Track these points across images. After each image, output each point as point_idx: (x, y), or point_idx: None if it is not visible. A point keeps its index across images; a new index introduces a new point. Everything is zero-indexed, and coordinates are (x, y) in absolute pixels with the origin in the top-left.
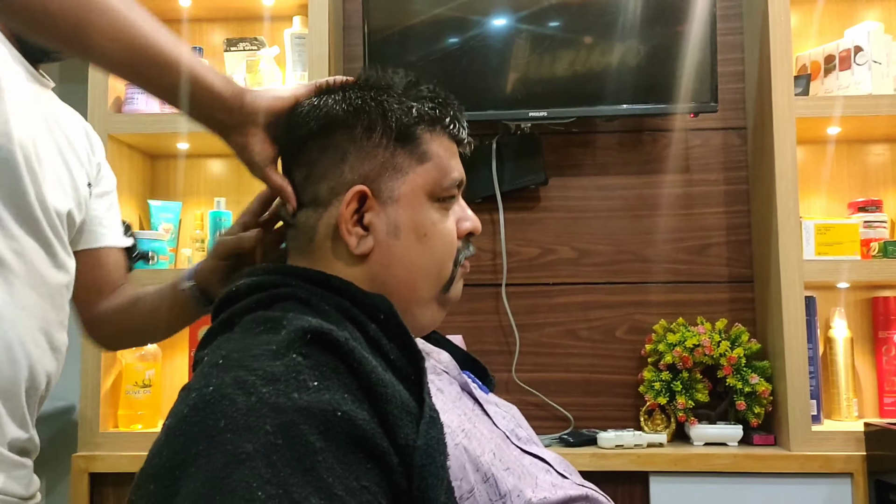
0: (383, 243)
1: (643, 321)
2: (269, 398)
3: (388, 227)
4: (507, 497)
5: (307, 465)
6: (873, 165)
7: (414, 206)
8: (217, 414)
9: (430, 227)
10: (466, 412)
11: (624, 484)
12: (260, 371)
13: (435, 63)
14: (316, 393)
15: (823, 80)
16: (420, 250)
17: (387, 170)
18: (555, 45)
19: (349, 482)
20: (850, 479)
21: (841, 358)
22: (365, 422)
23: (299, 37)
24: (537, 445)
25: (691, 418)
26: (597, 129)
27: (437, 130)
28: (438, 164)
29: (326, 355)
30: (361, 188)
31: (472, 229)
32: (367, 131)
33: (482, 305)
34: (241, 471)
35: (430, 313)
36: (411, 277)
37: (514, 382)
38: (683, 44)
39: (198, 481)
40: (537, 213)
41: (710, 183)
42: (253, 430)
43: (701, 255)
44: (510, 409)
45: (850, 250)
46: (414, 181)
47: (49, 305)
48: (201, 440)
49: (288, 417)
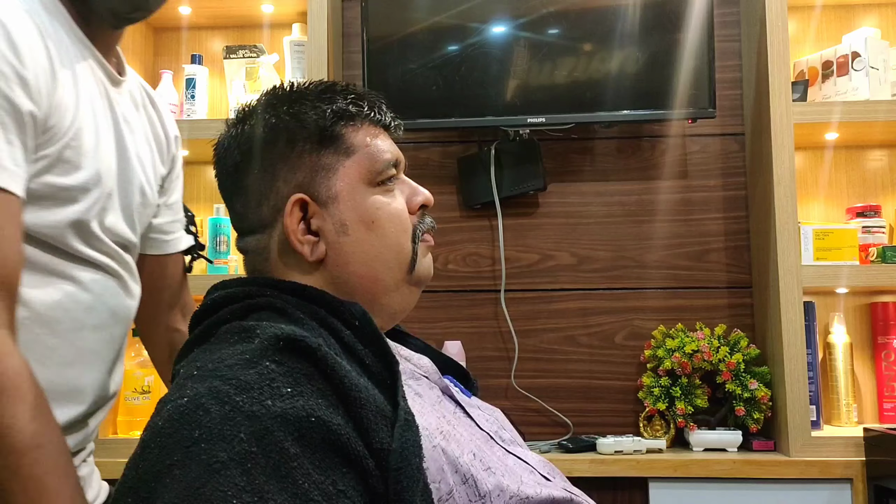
0: (335, 244)
1: (642, 327)
2: (243, 406)
3: (336, 226)
4: (486, 497)
5: (283, 472)
6: (871, 171)
7: (354, 198)
8: (192, 424)
9: (375, 213)
10: (446, 415)
11: (623, 490)
12: (234, 380)
13: (434, 70)
14: (290, 399)
15: (821, 85)
16: (372, 239)
17: (318, 172)
18: (553, 52)
19: (326, 487)
20: (850, 484)
21: (840, 363)
22: (339, 427)
23: (298, 44)
24: (521, 447)
25: (690, 424)
26: (595, 135)
27: (358, 123)
28: (366, 152)
29: (300, 362)
30: (299, 196)
31: (423, 201)
32: (289, 144)
33: (481, 311)
34: (216, 480)
35: (400, 297)
36: (370, 269)
37: (514, 388)
38: (681, 50)
39: (174, 492)
40: (536, 220)
41: (709, 189)
42: (227, 439)
43: (700, 261)
44: (493, 412)
45: (849, 255)
46: (346, 175)
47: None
48: (176, 451)
49: (262, 425)
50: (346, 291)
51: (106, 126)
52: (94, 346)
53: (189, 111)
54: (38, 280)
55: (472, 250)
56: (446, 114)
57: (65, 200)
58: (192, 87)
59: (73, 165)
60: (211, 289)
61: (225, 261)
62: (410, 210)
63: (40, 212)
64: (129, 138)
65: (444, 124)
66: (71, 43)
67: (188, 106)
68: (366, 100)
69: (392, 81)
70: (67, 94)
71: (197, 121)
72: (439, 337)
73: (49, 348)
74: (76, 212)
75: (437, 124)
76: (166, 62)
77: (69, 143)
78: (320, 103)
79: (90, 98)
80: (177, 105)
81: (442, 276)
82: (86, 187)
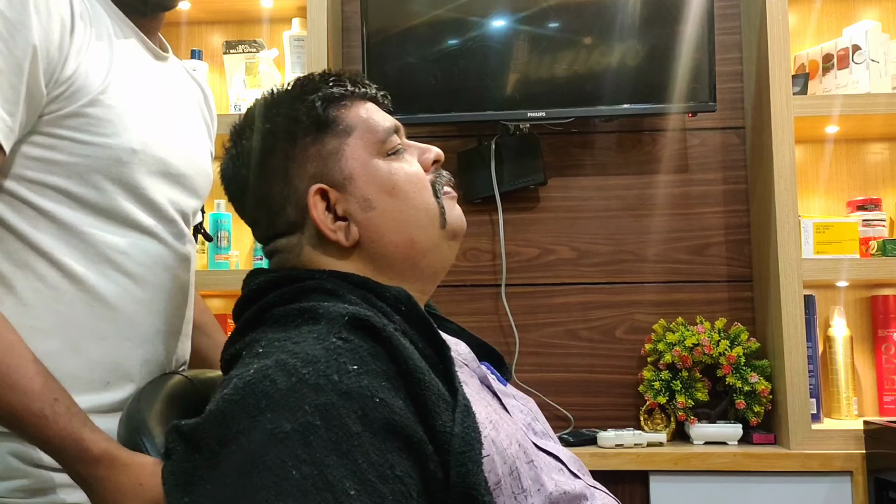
0: (364, 221)
1: (642, 321)
2: (309, 379)
3: (360, 203)
4: (528, 490)
5: (343, 448)
6: (872, 164)
7: (369, 172)
8: (258, 394)
9: (393, 179)
10: (491, 403)
11: (624, 483)
12: (301, 354)
13: (434, 64)
14: (356, 377)
15: (822, 79)
16: (398, 205)
17: (327, 159)
18: (553, 46)
19: (383, 469)
20: (850, 477)
21: (840, 356)
22: (402, 410)
23: (298, 39)
24: (553, 441)
25: (691, 417)
26: (596, 129)
27: (347, 102)
28: (365, 126)
29: (366, 340)
30: (317, 186)
31: (435, 157)
32: (291, 143)
33: (482, 306)
34: (278, 449)
35: (439, 254)
36: (404, 233)
37: (514, 382)
38: (682, 44)
39: (237, 458)
40: (536, 214)
41: (709, 182)
42: (292, 410)
43: (700, 255)
44: (528, 403)
45: (849, 249)
46: (354, 152)
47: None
48: (243, 419)
49: (327, 399)
50: (386, 264)
51: (150, 95)
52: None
53: None
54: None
55: (472, 245)
56: (446, 108)
57: (109, 161)
58: None
59: (109, 124)
60: (248, 277)
61: (226, 256)
62: (424, 168)
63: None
64: (180, 111)
65: (444, 118)
66: (109, 18)
67: None
68: (347, 79)
69: (392, 75)
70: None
71: None
72: None
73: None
74: (124, 174)
75: (436, 118)
76: None
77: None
78: (306, 96)
79: (129, 65)
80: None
81: None
82: (130, 148)
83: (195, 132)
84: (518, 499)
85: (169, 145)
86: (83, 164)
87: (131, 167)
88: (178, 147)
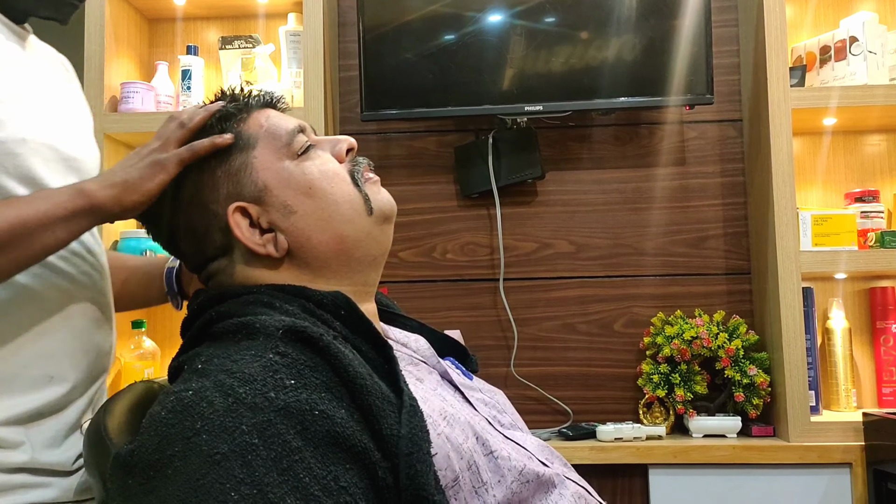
0: (289, 227)
1: (641, 314)
2: (245, 398)
3: (281, 211)
4: (488, 484)
5: (284, 465)
6: (869, 156)
7: (281, 177)
8: (194, 416)
9: (307, 178)
10: (447, 398)
11: (623, 476)
12: (238, 373)
13: (430, 59)
14: (293, 392)
15: (819, 70)
16: (318, 203)
17: (236, 177)
18: (550, 40)
19: (327, 482)
20: (849, 469)
21: (839, 348)
22: (343, 420)
23: (294, 34)
24: (521, 432)
25: (690, 410)
26: (593, 122)
27: (244, 116)
28: (266, 134)
29: (303, 353)
30: (234, 206)
31: (348, 146)
32: (198, 171)
33: (480, 300)
34: (216, 471)
35: (373, 241)
36: (331, 231)
37: (513, 377)
38: (679, 36)
39: (175, 484)
40: (534, 208)
41: (707, 175)
42: (229, 431)
43: (698, 248)
44: (494, 395)
45: (848, 241)
46: (262, 163)
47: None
48: (178, 442)
49: (265, 417)
50: (321, 265)
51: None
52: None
53: (185, 102)
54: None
55: (469, 239)
56: (443, 103)
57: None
58: (188, 78)
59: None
60: (193, 297)
61: None
62: (339, 160)
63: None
64: (57, 93)
65: (441, 113)
66: None
67: (184, 97)
68: (238, 94)
69: (388, 70)
70: None
71: None
72: (438, 326)
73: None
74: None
75: (433, 113)
76: (161, 53)
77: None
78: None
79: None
80: (173, 96)
81: (440, 265)
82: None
83: (76, 112)
84: (479, 492)
85: (56, 131)
86: None
87: (24, 158)
88: (65, 131)
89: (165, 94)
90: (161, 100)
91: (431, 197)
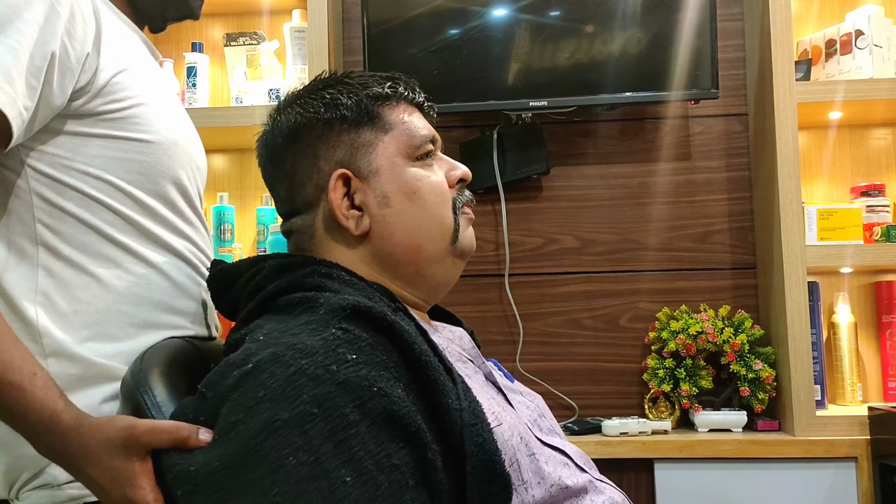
0: (378, 216)
1: (646, 309)
2: (307, 369)
3: (378, 199)
4: (528, 483)
5: (340, 437)
6: (875, 150)
7: (395, 171)
8: (257, 385)
9: (416, 184)
10: (495, 397)
11: (629, 471)
12: (300, 345)
13: (435, 54)
14: (354, 367)
15: (825, 64)
16: (414, 210)
17: (358, 149)
18: (555, 35)
19: (380, 458)
20: (855, 463)
21: (844, 343)
22: (400, 399)
23: (299, 30)
24: (559, 437)
25: (695, 405)
26: (598, 117)
27: (394, 102)
28: (404, 128)
29: (366, 331)
30: (341, 171)
31: (462, 175)
32: (328, 125)
33: (486, 296)
34: (274, 438)
35: (444, 269)
36: (414, 239)
37: (519, 372)
38: (684, 31)
39: (233, 447)
40: (539, 203)
41: (712, 170)
42: (290, 399)
43: (703, 243)
44: (535, 399)
45: (853, 235)
46: (386, 149)
47: None
48: (239, 410)
49: (325, 389)
50: (391, 263)
51: (166, 94)
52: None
53: (191, 99)
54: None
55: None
56: (448, 98)
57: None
58: (194, 75)
59: (150, 122)
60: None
61: (229, 248)
62: (449, 184)
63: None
64: (183, 109)
65: (446, 109)
66: (123, 23)
67: (190, 94)
68: (401, 82)
69: (393, 66)
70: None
71: (199, 109)
72: None
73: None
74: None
75: (438, 109)
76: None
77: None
78: (356, 87)
79: (144, 65)
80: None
81: None
82: (172, 139)
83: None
84: (518, 490)
85: (191, 139)
86: (138, 161)
87: (172, 160)
88: (196, 141)
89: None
90: None
91: None
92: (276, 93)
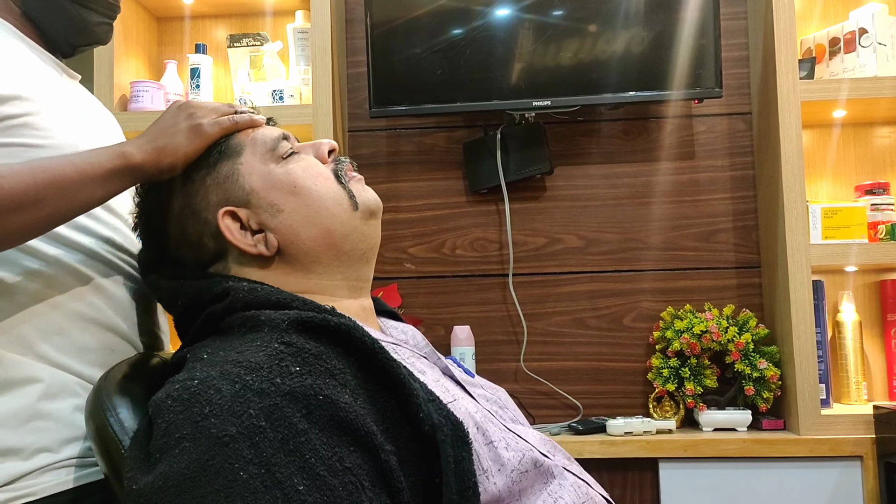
0: (277, 226)
1: (651, 308)
2: (252, 384)
3: (269, 211)
4: (488, 472)
5: (291, 446)
6: (879, 148)
7: (267, 179)
8: (202, 402)
9: (291, 178)
10: (450, 389)
11: (634, 470)
12: (244, 363)
13: (438, 54)
14: (299, 378)
15: (828, 63)
16: (304, 200)
17: (224, 184)
18: (558, 34)
19: (332, 463)
20: (860, 462)
21: (849, 341)
22: (347, 405)
23: (302, 31)
24: (522, 426)
25: (700, 404)
26: (601, 117)
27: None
28: (252, 141)
29: (308, 342)
30: (223, 210)
31: (329, 147)
32: (187, 182)
33: (490, 296)
34: (224, 452)
35: (360, 236)
36: (318, 225)
37: (523, 371)
38: (687, 30)
39: (183, 463)
40: (543, 203)
41: (716, 169)
42: (237, 415)
43: (708, 242)
44: (496, 391)
45: (858, 233)
46: (248, 169)
47: None
48: (186, 426)
49: (272, 401)
50: (312, 260)
51: (72, 103)
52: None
53: None
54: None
55: (479, 235)
56: (451, 98)
57: None
58: (197, 76)
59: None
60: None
61: None
62: (322, 160)
63: None
64: (102, 120)
65: (449, 109)
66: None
67: (193, 96)
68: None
69: (396, 66)
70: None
71: None
72: (448, 322)
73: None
74: None
75: (441, 109)
76: (170, 52)
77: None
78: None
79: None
80: (182, 95)
81: (449, 261)
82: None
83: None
84: (480, 479)
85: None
86: None
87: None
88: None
89: (174, 92)
90: (170, 98)
91: (440, 193)
92: (280, 94)
